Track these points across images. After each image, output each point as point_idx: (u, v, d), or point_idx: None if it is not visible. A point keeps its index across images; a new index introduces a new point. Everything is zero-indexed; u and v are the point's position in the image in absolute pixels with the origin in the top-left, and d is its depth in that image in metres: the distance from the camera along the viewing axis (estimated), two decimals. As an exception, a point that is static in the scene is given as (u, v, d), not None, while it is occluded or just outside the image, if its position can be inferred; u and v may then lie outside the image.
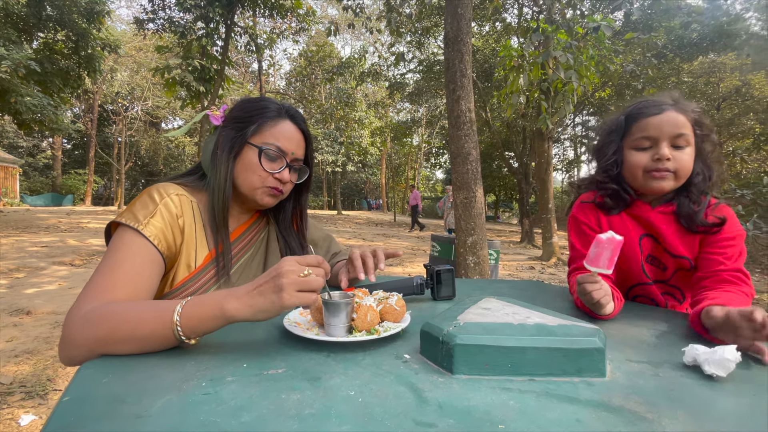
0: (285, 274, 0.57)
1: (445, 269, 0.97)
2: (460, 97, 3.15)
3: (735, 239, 0.91)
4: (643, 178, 0.93)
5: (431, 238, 4.17)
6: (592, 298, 0.77)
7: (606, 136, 1.02)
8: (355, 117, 16.74)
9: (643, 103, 0.97)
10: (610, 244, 0.75)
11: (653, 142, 0.92)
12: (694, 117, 0.93)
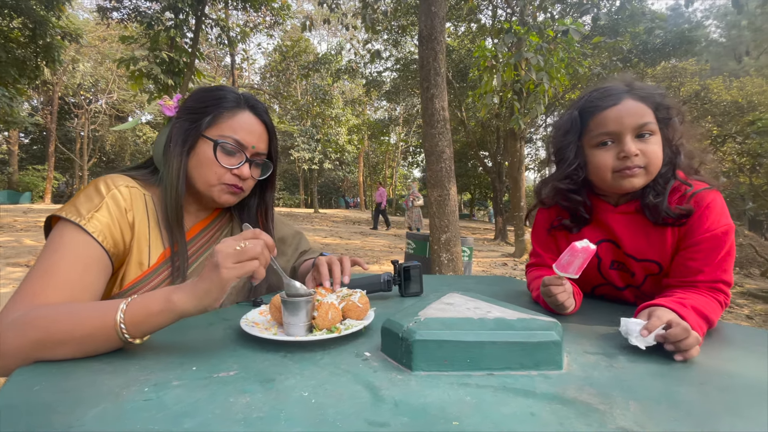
0: (218, 251, 0.55)
1: (413, 266, 0.96)
2: (434, 95, 3.17)
3: (718, 238, 0.77)
4: (613, 179, 0.83)
5: (406, 236, 4.19)
6: (557, 300, 0.78)
7: (562, 137, 0.91)
8: (332, 114, 16.57)
9: (595, 94, 0.86)
10: (584, 253, 0.74)
11: (615, 138, 0.82)
12: (654, 101, 0.83)
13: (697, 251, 0.79)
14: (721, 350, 0.65)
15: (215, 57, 21.45)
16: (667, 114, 0.85)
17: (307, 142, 18.18)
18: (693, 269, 0.79)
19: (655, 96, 0.84)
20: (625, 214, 0.89)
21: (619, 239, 0.89)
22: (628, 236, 0.88)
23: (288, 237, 1.09)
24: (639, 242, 0.87)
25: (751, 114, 11.34)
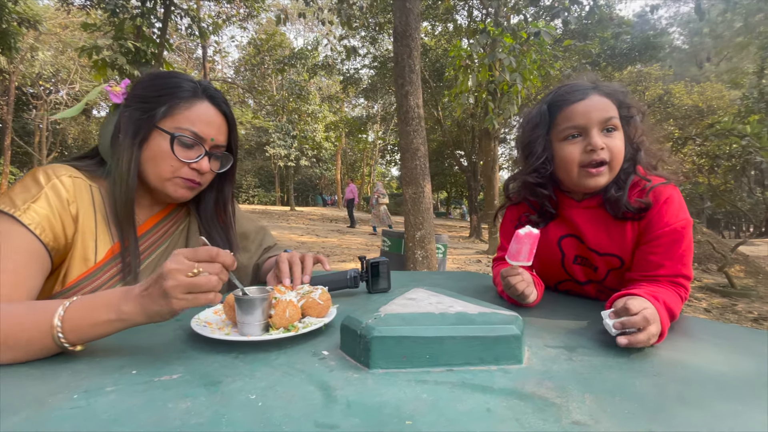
0: (168, 275, 0.49)
1: (380, 261, 0.94)
2: (408, 92, 3.16)
3: (677, 232, 0.79)
4: (578, 176, 0.84)
5: (382, 233, 4.18)
6: (516, 290, 0.79)
7: (531, 131, 0.92)
8: (308, 110, 16.31)
9: (563, 89, 0.88)
10: (528, 238, 0.77)
11: (582, 131, 0.83)
12: (617, 98, 0.86)
13: (658, 245, 0.80)
14: (677, 341, 0.67)
15: (186, 49, 20.71)
16: (629, 112, 0.87)
17: (282, 139, 17.84)
18: (654, 263, 0.80)
19: (619, 94, 0.87)
20: (588, 209, 0.90)
21: (582, 234, 0.90)
22: (590, 231, 0.89)
23: (251, 233, 1.05)
24: (601, 237, 0.88)
25: (710, 117, 11.99)
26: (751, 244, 11.89)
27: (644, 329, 0.59)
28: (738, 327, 0.77)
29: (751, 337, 0.70)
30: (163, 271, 0.50)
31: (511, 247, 0.79)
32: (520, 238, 0.78)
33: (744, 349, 0.63)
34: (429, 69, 12.68)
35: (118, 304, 0.52)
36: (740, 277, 6.75)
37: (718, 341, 0.67)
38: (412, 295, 0.67)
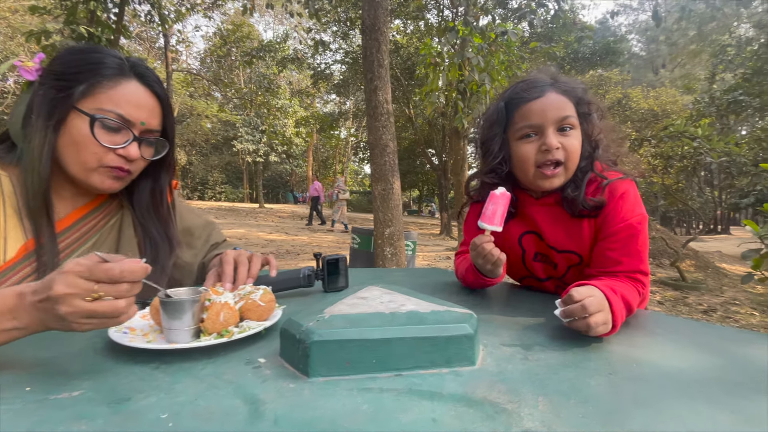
0: (62, 299, 0.42)
1: (336, 258, 0.89)
2: (377, 87, 3.11)
3: (633, 227, 0.78)
4: (534, 176, 0.83)
5: (352, 231, 4.12)
6: (492, 256, 0.77)
7: (488, 129, 0.90)
8: (278, 105, 15.88)
9: (521, 85, 0.87)
10: (503, 198, 0.79)
11: (538, 130, 0.82)
12: (576, 95, 0.84)
13: (615, 241, 0.80)
14: (633, 336, 0.66)
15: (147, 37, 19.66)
16: (587, 109, 0.86)
17: (251, 133, 17.31)
18: (612, 260, 0.79)
19: (577, 90, 0.86)
20: (546, 206, 0.89)
21: (541, 231, 0.90)
22: (549, 228, 0.89)
23: (196, 228, 0.97)
24: (559, 234, 0.88)
25: (664, 120, 12.70)
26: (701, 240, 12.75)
27: (586, 318, 0.58)
28: (692, 321, 0.77)
29: (705, 331, 0.71)
30: (54, 293, 0.42)
31: (486, 210, 0.78)
32: (496, 198, 0.78)
33: (699, 344, 0.63)
34: (400, 67, 12.69)
35: (13, 313, 0.45)
36: (691, 272, 7.20)
37: (673, 336, 0.67)
38: (364, 294, 0.62)
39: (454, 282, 1.04)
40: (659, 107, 15.72)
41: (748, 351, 0.60)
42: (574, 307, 0.59)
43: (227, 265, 0.74)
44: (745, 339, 0.66)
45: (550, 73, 0.88)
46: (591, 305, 0.59)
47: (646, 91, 17.22)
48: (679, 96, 16.95)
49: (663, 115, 14.87)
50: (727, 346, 0.62)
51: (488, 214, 0.78)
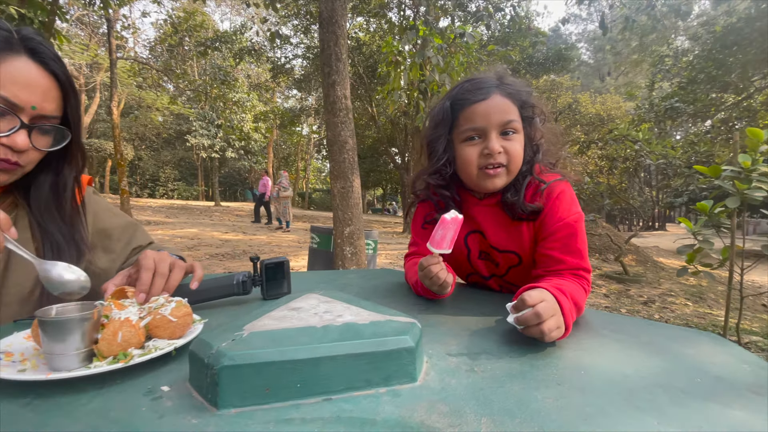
0: None
1: (275, 262, 0.81)
2: (335, 81, 3.02)
3: (571, 226, 0.79)
4: (477, 177, 0.84)
5: (311, 230, 3.99)
6: (439, 278, 0.75)
7: (433, 130, 0.89)
8: (235, 98, 15.20)
9: (466, 85, 0.86)
10: (454, 223, 0.75)
11: (481, 133, 0.82)
12: (520, 98, 0.84)
13: (554, 240, 0.81)
14: (580, 339, 0.64)
15: (90, 22, 18.13)
16: (531, 113, 0.87)
17: (206, 127, 16.46)
18: (554, 259, 0.80)
19: (522, 93, 0.85)
20: (488, 207, 0.90)
21: (484, 231, 0.90)
22: (490, 228, 0.89)
23: (115, 229, 0.85)
24: (500, 234, 0.88)
25: (609, 125, 13.56)
26: (641, 236, 13.76)
27: (540, 324, 0.57)
28: (637, 319, 0.78)
29: (650, 330, 0.71)
30: None
31: (435, 234, 0.76)
32: (446, 223, 0.75)
33: (644, 345, 0.62)
34: (363, 65, 12.61)
35: None
36: (632, 266, 7.73)
37: (619, 336, 0.66)
38: (298, 304, 0.56)
39: (405, 284, 1.00)
40: (605, 112, 16.80)
41: (691, 351, 0.60)
42: (527, 315, 0.58)
43: (145, 272, 0.63)
44: (687, 338, 0.66)
45: (497, 73, 0.88)
46: (544, 311, 0.57)
47: (593, 97, 18.34)
48: (622, 102, 18.20)
49: (608, 120, 15.90)
50: (671, 346, 0.62)
51: (437, 238, 0.75)
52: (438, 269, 0.75)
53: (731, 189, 2.98)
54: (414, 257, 0.98)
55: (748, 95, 8.49)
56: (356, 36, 13.10)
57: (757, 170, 2.91)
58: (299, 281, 0.97)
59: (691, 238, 3.24)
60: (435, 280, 0.75)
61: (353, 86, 13.58)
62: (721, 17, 8.10)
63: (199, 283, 0.69)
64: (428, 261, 0.76)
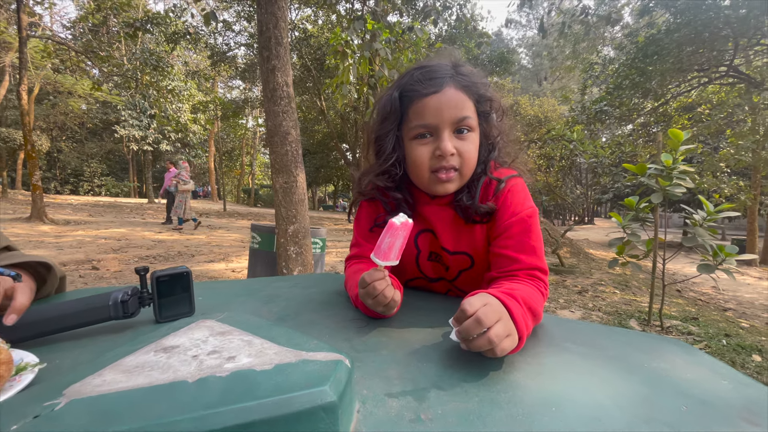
0: None
1: (172, 273, 0.63)
2: (275, 67, 2.78)
3: (524, 222, 0.73)
4: (429, 181, 0.75)
5: (251, 228, 3.70)
6: (385, 297, 0.62)
7: (381, 123, 0.79)
8: (169, 86, 13.97)
9: (417, 74, 0.75)
10: (404, 229, 0.63)
11: (433, 131, 0.73)
12: (476, 91, 0.75)
13: (508, 237, 0.73)
14: (541, 354, 0.55)
15: (-7, -6, 15.67)
16: (488, 107, 0.78)
17: (137, 117, 15.00)
18: (508, 258, 0.72)
19: (479, 86, 0.76)
20: (440, 206, 0.81)
21: (435, 230, 0.82)
22: (442, 228, 0.81)
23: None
24: (452, 234, 0.80)
25: (546, 125, 14.44)
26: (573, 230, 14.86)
27: (485, 333, 0.48)
28: (596, 327, 0.70)
29: (615, 339, 0.63)
30: None
31: (381, 243, 0.62)
32: (395, 229, 0.62)
33: (615, 362, 0.54)
34: (311, 57, 12.21)
35: None
36: (567, 258, 8.25)
37: (584, 350, 0.58)
38: (176, 339, 0.40)
39: (346, 293, 0.86)
40: (542, 114, 17.90)
41: (664, 366, 0.52)
42: (467, 324, 0.48)
43: None
44: (653, 348, 0.59)
45: (452, 61, 0.77)
46: (486, 316, 0.48)
47: (532, 99, 19.45)
48: (558, 105, 19.50)
49: (546, 121, 16.95)
50: (640, 359, 0.54)
51: (384, 248, 0.62)
52: (383, 286, 0.62)
53: (655, 186, 3.20)
54: (355, 261, 0.85)
55: (665, 101, 9.42)
56: (303, 27, 12.66)
57: (678, 168, 3.16)
58: (213, 294, 0.80)
59: (620, 232, 3.46)
60: (380, 300, 0.62)
61: (301, 79, 13.11)
62: (643, 29, 8.87)
63: (17, 316, 0.49)
64: (372, 276, 0.62)
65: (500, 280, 0.71)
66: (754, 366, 2.80)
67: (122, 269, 4.90)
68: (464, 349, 0.51)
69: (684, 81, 8.83)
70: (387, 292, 0.62)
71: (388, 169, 0.78)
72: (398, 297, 0.64)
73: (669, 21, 7.40)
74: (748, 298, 6.86)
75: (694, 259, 9.80)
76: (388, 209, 0.82)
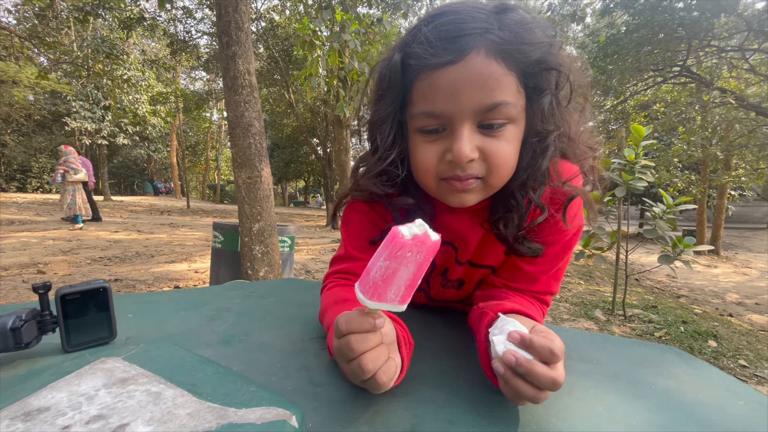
0: None
1: (83, 290, 0.51)
2: (236, 54, 2.60)
3: (567, 243, 0.57)
4: (437, 188, 0.52)
5: (213, 227, 3.48)
6: (363, 371, 0.36)
7: (377, 103, 0.54)
8: (125, 75, 13.11)
9: (428, 30, 0.47)
10: (422, 251, 0.35)
11: (446, 123, 0.48)
12: (524, 58, 0.46)
13: (541, 255, 0.57)
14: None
15: None
16: (547, 83, 0.49)
17: (89, 109, 13.97)
18: (527, 275, 0.58)
19: (532, 48, 0.46)
20: (469, 217, 0.60)
21: (459, 244, 0.62)
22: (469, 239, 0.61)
23: None
24: (480, 251, 0.62)
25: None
26: (541, 223, 15.33)
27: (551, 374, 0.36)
28: (589, 335, 0.63)
29: (611, 351, 0.56)
30: None
31: (374, 266, 0.35)
32: (402, 246, 0.34)
33: (618, 381, 0.47)
34: (278, 48, 11.81)
35: None
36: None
37: (584, 367, 0.50)
38: (50, 397, 0.28)
39: (312, 305, 0.75)
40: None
41: (671, 384, 0.46)
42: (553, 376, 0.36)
43: None
44: (653, 360, 0.53)
45: (494, 2, 0.49)
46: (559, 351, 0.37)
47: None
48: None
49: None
50: (644, 376, 0.48)
51: (376, 276, 0.35)
52: (367, 346, 0.36)
53: (619, 180, 3.29)
54: (339, 278, 0.62)
55: (624, 99, 9.83)
56: (270, 17, 12.22)
57: (639, 163, 3.26)
58: (149, 309, 0.67)
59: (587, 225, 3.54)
60: (356, 371, 0.37)
61: (268, 71, 12.67)
62: (603, 29, 9.19)
63: None
64: (350, 325, 0.37)
65: (506, 291, 0.59)
66: (711, 351, 2.94)
67: (72, 272, 4.53)
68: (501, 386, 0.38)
69: (641, 80, 9.25)
70: (370, 362, 0.36)
71: (387, 169, 0.55)
72: (388, 376, 0.37)
73: (628, 21, 7.69)
74: (699, 285, 7.32)
75: (650, 249, 10.37)
76: (397, 217, 0.60)
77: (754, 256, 11.28)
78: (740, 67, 7.85)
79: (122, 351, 0.43)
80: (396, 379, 0.39)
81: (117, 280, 4.28)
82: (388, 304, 0.36)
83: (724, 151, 8.18)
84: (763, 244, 14.22)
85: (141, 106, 14.30)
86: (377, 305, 0.35)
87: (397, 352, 0.41)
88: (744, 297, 6.55)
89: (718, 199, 11.05)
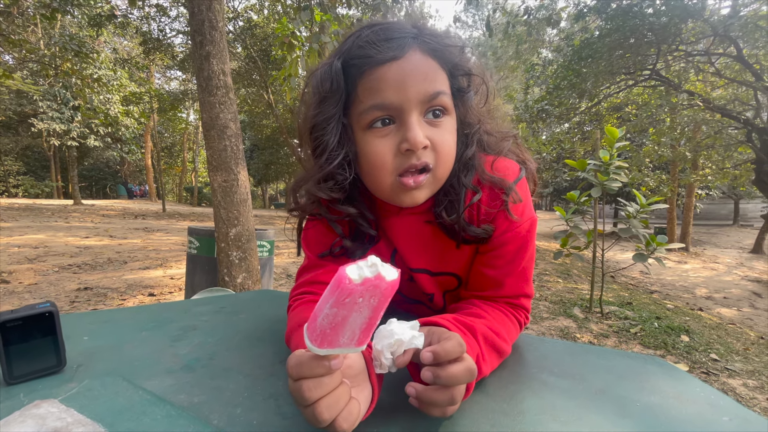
0: None
1: (27, 316, 0.46)
2: (210, 53, 2.52)
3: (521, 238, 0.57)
4: (392, 189, 0.52)
5: (188, 232, 3.37)
6: (317, 421, 0.32)
7: (319, 107, 0.54)
8: (95, 75, 12.58)
9: (368, 32, 0.51)
10: (374, 293, 0.30)
11: (396, 115, 0.50)
12: (450, 59, 0.53)
13: (498, 257, 0.57)
14: (514, 398, 0.45)
15: None
16: (465, 83, 0.56)
17: (57, 109, 13.36)
18: (492, 281, 0.58)
19: (452, 52, 0.54)
20: (412, 216, 0.61)
21: (403, 251, 0.62)
22: (414, 246, 0.62)
23: None
24: (430, 252, 0.62)
25: (494, 123, 14.96)
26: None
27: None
28: (567, 345, 0.62)
29: (592, 363, 0.55)
30: None
31: (320, 311, 0.32)
32: (351, 292, 0.30)
33: (601, 398, 0.45)
34: (256, 48, 11.62)
35: None
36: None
37: (564, 383, 0.49)
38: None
39: (281, 325, 0.72)
40: (490, 111, 18.53)
41: (655, 400, 0.44)
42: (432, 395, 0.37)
43: None
44: (638, 373, 0.52)
45: (413, 20, 0.55)
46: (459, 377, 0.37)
47: (480, 97, 20.07)
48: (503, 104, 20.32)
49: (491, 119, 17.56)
50: (627, 391, 0.46)
51: (324, 322, 0.31)
52: (320, 393, 0.33)
53: (594, 180, 3.37)
54: (306, 292, 0.61)
55: (598, 101, 10.12)
56: (248, 17, 12.00)
57: (614, 164, 3.34)
58: (108, 329, 0.62)
59: (564, 225, 3.61)
60: (313, 421, 0.33)
61: (247, 71, 12.44)
62: (578, 33, 9.44)
63: None
64: (301, 369, 0.33)
65: (474, 301, 0.58)
66: (684, 346, 3.04)
67: (39, 281, 4.31)
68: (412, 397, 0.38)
69: (614, 83, 9.54)
70: (325, 410, 0.32)
71: (333, 172, 0.54)
72: (356, 414, 0.34)
73: (601, 26, 7.92)
74: (670, 281, 7.60)
75: (624, 246, 10.70)
76: (340, 232, 0.60)
77: (721, 252, 11.81)
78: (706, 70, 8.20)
79: (70, 383, 0.39)
80: (365, 414, 0.37)
81: (87, 288, 4.09)
82: (343, 348, 0.32)
83: (692, 152, 8.53)
84: (729, 240, 14.92)
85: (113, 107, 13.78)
86: (329, 351, 0.32)
87: (366, 382, 0.39)
88: (713, 291, 6.84)
89: (687, 197, 11.52)
